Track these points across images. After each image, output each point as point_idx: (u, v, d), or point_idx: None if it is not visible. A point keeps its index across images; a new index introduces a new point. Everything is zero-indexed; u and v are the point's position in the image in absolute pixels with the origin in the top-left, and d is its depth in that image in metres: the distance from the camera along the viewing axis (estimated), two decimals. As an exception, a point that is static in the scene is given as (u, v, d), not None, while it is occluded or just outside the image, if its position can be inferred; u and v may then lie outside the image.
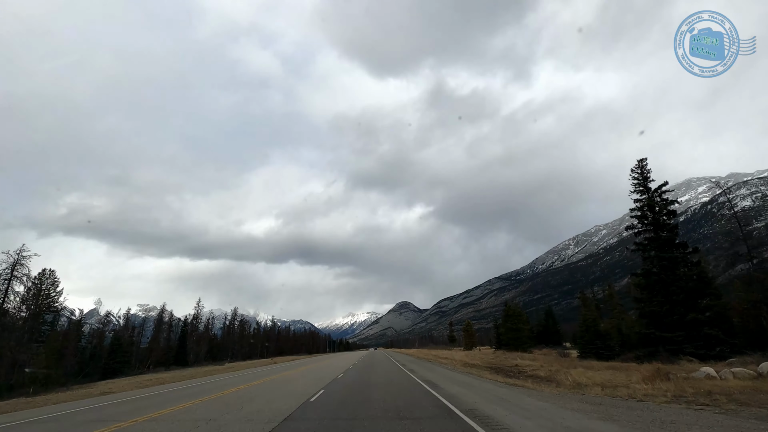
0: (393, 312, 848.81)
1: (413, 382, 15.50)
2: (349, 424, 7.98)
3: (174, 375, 33.40)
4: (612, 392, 10.94)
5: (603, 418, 7.70)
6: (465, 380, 15.91)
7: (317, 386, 14.82)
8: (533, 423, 7.51)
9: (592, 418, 7.83)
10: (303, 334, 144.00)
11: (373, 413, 8.95)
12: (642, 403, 9.39)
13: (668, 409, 8.48)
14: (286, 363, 46.23)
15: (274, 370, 29.39)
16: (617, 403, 9.37)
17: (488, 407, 9.28)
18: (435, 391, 12.21)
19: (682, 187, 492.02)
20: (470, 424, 7.47)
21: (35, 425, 10.24)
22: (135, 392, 17.72)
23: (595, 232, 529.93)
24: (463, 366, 24.17)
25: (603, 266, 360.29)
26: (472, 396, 11.32)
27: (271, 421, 8.47)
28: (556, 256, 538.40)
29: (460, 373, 19.33)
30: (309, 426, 7.93)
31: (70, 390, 25.08)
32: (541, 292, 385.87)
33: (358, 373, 20.55)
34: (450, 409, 9.18)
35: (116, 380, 32.94)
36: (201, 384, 20.11)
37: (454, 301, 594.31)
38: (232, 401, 12.13)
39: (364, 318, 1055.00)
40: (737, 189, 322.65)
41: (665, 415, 7.73)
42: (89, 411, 12.25)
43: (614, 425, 7.11)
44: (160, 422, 9.15)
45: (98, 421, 9.85)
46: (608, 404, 9.31)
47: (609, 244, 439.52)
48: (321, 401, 11.24)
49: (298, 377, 19.99)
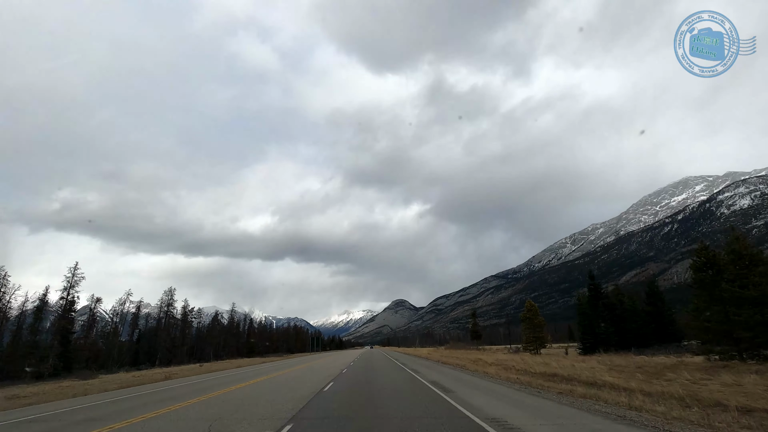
0: (389, 310, 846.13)
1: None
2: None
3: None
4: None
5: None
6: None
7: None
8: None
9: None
10: (285, 330, 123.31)
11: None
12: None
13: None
14: (214, 374, 27.15)
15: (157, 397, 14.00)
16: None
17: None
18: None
19: (679, 186, 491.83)
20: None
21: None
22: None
23: (591, 230, 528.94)
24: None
25: (600, 264, 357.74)
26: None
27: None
28: (552, 254, 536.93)
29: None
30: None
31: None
32: (539, 290, 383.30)
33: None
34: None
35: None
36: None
37: (450, 299, 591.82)
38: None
39: (359, 316, 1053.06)
40: (736, 188, 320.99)
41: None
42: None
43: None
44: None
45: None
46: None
47: (606, 242, 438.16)
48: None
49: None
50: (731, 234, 22.09)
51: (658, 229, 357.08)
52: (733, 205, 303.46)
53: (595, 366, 19.07)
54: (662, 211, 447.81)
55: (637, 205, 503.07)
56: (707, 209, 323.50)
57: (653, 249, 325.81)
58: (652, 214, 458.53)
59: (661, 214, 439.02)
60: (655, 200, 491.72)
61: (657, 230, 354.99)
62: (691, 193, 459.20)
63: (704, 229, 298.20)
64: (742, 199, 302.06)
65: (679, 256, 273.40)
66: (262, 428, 7.71)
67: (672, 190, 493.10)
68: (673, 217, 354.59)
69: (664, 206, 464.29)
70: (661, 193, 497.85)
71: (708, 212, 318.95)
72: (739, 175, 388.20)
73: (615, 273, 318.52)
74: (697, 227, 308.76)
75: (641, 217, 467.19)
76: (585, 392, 11.11)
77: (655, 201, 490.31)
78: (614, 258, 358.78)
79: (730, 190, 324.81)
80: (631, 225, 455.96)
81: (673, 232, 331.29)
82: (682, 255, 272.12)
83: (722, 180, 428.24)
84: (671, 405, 8.71)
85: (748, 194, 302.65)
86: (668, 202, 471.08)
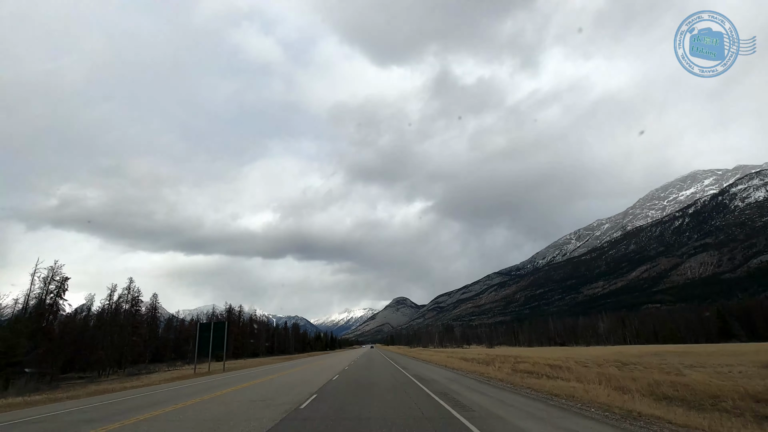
0: (390, 308, 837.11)
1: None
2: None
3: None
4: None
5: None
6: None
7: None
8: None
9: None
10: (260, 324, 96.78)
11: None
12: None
13: None
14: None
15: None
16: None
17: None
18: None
19: (687, 180, 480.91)
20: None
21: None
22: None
23: (597, 226, 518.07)
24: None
25: (608, 260, 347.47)
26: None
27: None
28: (557, 250, 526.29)
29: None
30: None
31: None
32: (544, 287, 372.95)
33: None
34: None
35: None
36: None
37: (452, 296, 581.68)
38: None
39: (360, 314, 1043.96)
40: (749, 180, 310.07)
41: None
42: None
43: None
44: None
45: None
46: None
47: (612, 237, 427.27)
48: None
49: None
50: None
51: (668, 223, 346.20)
52: (748, 197, 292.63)
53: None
54: (670, 206, 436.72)
55: (644, 200, 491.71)
56: (720, 202, 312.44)
57: (664, 244, 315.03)
58: (659, 209, 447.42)
59: (669, 208, 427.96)
60: (662, 195, 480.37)
61: (667, 224, 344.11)
62: (699, 186, 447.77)
63: (718, 222, 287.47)
64: (757, 192, 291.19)
65: (692, 251, 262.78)
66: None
67: (680, 184, 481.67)
68: (684, 211, 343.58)
69: (672, 201, 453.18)
70: (669, 188, 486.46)
71: (721, 205, 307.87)
72: (750, 168, 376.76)
73: (624, 268, 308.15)
74: (710, 221, 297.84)
75: (648, 212, 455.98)
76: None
77: (662, 195, 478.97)
78: (623, 253, 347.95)
79: (744, 182, 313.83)
80: (638, 220, 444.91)
81: (685, 226, 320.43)
82: (695, 249, 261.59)
83: (732, 173, 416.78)
84: None
85: (763, 186, 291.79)
86: (676, 196, 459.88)
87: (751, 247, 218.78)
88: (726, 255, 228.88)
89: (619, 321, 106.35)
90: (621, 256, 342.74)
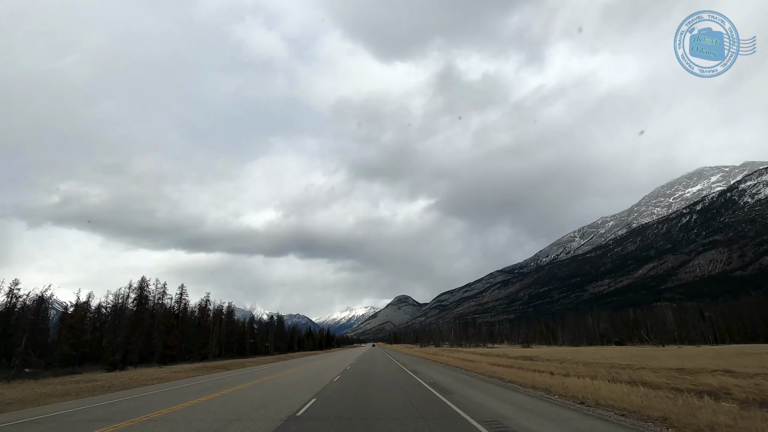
0: (391, 306, 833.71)
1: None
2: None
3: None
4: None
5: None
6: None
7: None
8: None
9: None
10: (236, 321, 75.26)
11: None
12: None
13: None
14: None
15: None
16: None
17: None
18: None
19: (693, 177, 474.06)
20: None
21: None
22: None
23: (601, 223, 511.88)
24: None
25: (614, 258, 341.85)
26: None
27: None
28: (560, 248, 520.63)
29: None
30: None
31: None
32: (548, 285, 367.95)
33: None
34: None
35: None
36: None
37: (455, 294, 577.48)
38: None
39: (362, 312, 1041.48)
40: (759, 176, 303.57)
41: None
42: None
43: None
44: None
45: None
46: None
47: (618, 235, 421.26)
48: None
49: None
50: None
51: (675, 220, 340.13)
52: (758, 193, 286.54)
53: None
54: (676, 203, 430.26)
55: (650, 197, 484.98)
56: (729, 199, 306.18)
57: (671, 241, 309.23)
58: (665, 206, 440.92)
59: (675, 205, 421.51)
60: (668, 192, 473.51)
61: (674, 221, 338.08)
62: (706, 183, 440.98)
63: (726, 219, 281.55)
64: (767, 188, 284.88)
65: (700, 248, 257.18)
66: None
67: (686, 181, 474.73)
68: (691, 208, 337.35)
69: (678, 198, 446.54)
70: (675, 185, 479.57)
71: (730, 202, 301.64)
72: (758, 164, 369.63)
73: (631, 266, 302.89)
74: (718, 217, 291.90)
75: (654, 210, 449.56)
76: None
77: (668, 192, 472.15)
78: (629, 251, 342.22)
79: (753, 178, 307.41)
80: (643, 217, 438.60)
81: (692, 223, 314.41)
82: (704, 246, 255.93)
83: (739, 170, 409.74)
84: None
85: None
86: (682, 193, 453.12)
87: (762, 244, 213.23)
88: (736, 252, 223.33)
89: (697, 312, 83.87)
90: (627, 254, 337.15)
